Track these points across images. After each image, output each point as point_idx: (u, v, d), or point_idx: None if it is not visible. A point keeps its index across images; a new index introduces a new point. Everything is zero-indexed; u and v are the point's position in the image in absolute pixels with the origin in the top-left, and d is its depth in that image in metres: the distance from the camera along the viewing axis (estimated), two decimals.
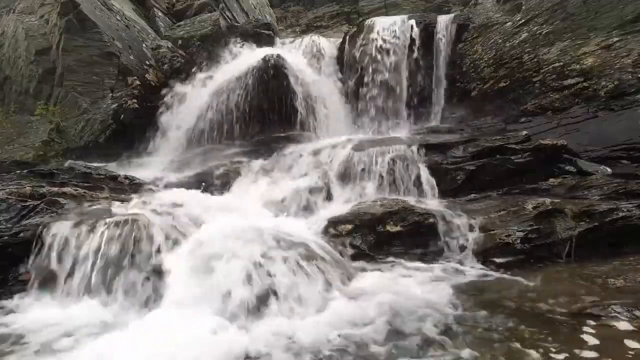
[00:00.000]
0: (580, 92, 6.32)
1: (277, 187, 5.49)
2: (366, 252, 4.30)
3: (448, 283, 3.69)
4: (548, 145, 5.23)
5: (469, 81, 7.56)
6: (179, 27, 9.59)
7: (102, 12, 8.27)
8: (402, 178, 5.28)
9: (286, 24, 15.88)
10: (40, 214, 4.10)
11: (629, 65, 6.07)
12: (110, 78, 7.82)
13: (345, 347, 2.80)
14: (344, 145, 5.99)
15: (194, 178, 5.91)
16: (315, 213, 4.97)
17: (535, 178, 5.10)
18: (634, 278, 3.49)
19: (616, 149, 5.53)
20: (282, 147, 6.45)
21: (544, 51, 6.90)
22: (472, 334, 2.88)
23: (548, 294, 3.43)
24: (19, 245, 3.83)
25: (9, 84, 8.60)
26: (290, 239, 3.91)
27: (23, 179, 4.91)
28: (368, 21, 8.45)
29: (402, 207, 4.58)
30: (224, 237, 3.79)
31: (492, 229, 4.33)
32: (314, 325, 3.05)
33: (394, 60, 7.79)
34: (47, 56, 8.18)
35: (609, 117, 5.89)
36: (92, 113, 7.57)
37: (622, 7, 6.44)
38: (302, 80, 7.49)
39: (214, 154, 6.79)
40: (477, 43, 7.73)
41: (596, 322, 2.91)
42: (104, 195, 4.73)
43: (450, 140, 5.72)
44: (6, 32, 9.03)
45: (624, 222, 4.12)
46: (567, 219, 4.23)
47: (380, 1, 15.49)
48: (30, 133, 7.53)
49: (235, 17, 10.81)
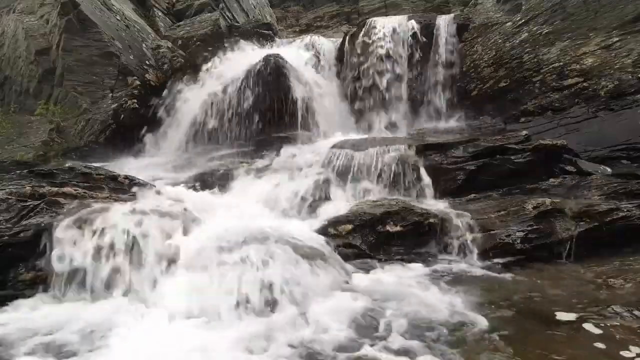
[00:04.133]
0: (580, 92, 6.33)
1: (277, 187, 5.48)
2: (366, 252, 4.30)
3: (448, 283, 3.68)
4: (548, 145, 5.23)
5: (469, 81, 7.56)
6: (179, 27, 9.60)
7: (102, 12, 8.27)
8: (402, 178, 5.28)
9: (286, 24, 15.88)
10: (40, 214, 4.09)
11: (629, 65, 6.08)
12: (110, 78, 7.83)
13: (345, 346, 2.80)
14: (344, 145, 5.99)
15: (194, 178, 5.90)
16: (315, 213, 4.97)
17: (535, 178, 5.10)
18: (634, 278, 3.49)
19: (616, 149, 5.53)
20: (282, 147, 6.44)
21: (544, 51, 6.90)
22: (472, 334, 2.88)
23: (548, 294, 3.43)
24: (19, 245, 3.82)
25: (9, 84, 8.60)
26: (290, 239, 3.90)
27: (23, 179, 4.89)
28: (368, 21, 8.46)
29: (402, 207, 4.58)
30: (222, 237, 3.79)
31: (492, 229, 4.33)
32: (313, 324, 3.04)
33: (393, 60, 7.80)
34: (47, 56, 8.18)
35: (609, 117, 5.89)
36: (92, 113, 7.58)
37: (622, 7, 6.44)
38: (302, 80, 7.49)
39: (214, 154, 6.80)
40: (477, 43, 7.73)
41: (596, 322, 2.90)
42: (104, 195, 4.72)
43: (450, 140, 5.72)
44: (6, 32, 9.03)
45: (624, 222, 4.12)
46: (567, 219, 4.23)
47: (380, 1, 15.49)
48: (30, 133, 7.53)
49: (235, 17, 10.81)
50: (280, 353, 2.71)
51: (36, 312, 3.40)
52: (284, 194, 5.29)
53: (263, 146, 6.77)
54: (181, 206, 4.49)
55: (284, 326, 2.98)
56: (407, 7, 14.31)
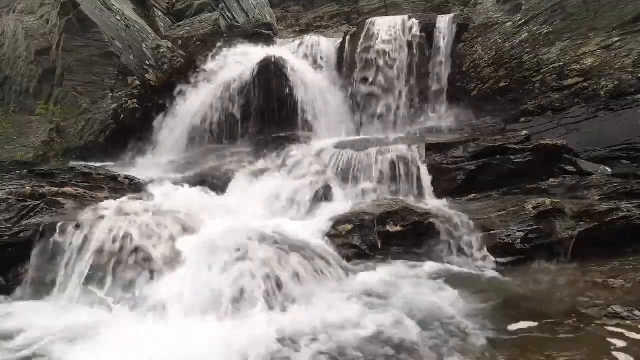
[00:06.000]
0: (580, 92, 6.33)
1: (277, 187, 5.48)
2: (366, 252, 4.30)
3: (447, 283, 3.68)
4: (548, 145, 5.23)
5: (469, 81, 7.57)
6: (179, 27, 9.60)
7: (102, 12, 8.27)
8: (402, 178, 5.28)
9: (286, 24, 15.88)
10: (40, 214, 4.10)
11: (629, 65, 6.08)
12: (110, 78, 7.83)
13: (344, 346, 2.80)
14: (344, 145, 5.99)
15: (194, 178, 5.90)
16: (316, 213, 4.97)
17: (535, 178, 5.10)
18: (634, 278, 3.48)
19: (616, 149, 5.53)
20: (282, 147, 6.44)
21: (544, 51, 6.90)
22: (472, 334, 2.88)
23: (548, 294, 3.43)
24: (19, 245, 3.83)
25: (9, 84, 8.60)
26: (290, 239, 3.90)
27: (23, 179, 4.90)
28: (368, 21, 8.46)
29: (402, 207, 4.58)
30: (222, 237, 3.79)
31: (492, 229, 4.33)
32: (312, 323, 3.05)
33: (394, 60, 7.79)
34: (47, 56, 8.19)
35: (609, 117, 5.89)
36: (92, 113, 7.58)
37: (622, 7, 6.44)
38: (303, 80, 7.49)
39: (214, 154, 6.79)
40: (477, 43, 7.73)
41: (596, 322, 2.90)
42: (104, 195, 4.73)
43: (450, 140, 5.73)
44: (6, 32, 9.03)
45: (624, 222, 4.12)
46: (567, 219, 4.23)
47: (380, 1, 15.49)
48: (30, 133, 7.53)
49: (235, 17, 10.81)
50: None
51: (36, 312, 3.39)
52: (283, 194, 5.30)
53: (263, 146, 6.76)
54: (181, 206, 4.50)
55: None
56: (407, 7, 14.30)
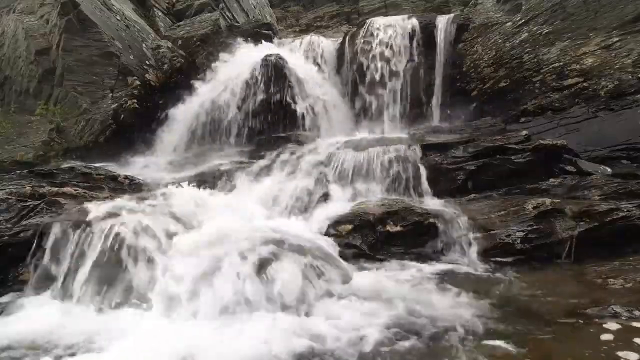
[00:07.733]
0: (580, 92, 6.33)
1: (277, 187, 5.48)
2: (366, 252, 4.30)
3: (447, 283, 3.68)
4: (548, 145, 5.23)
5: (469, 81, 7.56)
6: (179, 27, 9.59)
7: (102, 12, 8.27)
8: (402, 178, 5.28)
9: (286, 24, 15.87)
10: (40, 214, 4.09)
11: (629, 65, 6.08)
12: (110, 78, 7.82)
13: (343, 347, 2.80)
14: (344, 145, 5.99)
15: (194, 178, 5.89)
16: (316, 213, 4.96)
17: (535, 178, 5.09)
18: (634, 278, 3.49)
19: (616, 149, 5.53)
20: (282, 147, 6.44)
21: (544, 51, 6.90)
22: (471, 334, 2.88)
23: (548, 294, 3.43)
24: (19, 245, 3.83)
25: (9, 84, 8.60)
26: (289, 239, 3.90)
27: (23, 179, 4.90)
28: (368, 21, 8.47)
29: (402, 207, 4.58)
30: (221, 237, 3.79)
31: (492, 229, 4.33)
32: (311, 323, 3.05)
33: (393, 60, 7.80)
34: (47, 56, 8.18)
35: (609, 117, 5.89)
36: (92, 113, 7.58)
37: (622, 7, 6.44)
38: (303, 81, 7.49)
39: (214, 154, 6.80)
40: (477, 43, 7.73)
41: (596, 322, 2.90)
42: (104, 195, 4.73)
43: (450, 140, 5.72)
44: (6, 32, 9.03)
45: (624, 222, 4.12)
46: (567, 219, 4.23)
47: (380, 1, 15.48)
48: (30, 133, 7.53)
49: (235, 17, 10.81)
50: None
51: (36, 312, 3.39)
52: (283, 194, 5.30)
53: (263, 146, 6.77)
54: (181, 206, 4.50)
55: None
56: (407, 7, 14.29)
